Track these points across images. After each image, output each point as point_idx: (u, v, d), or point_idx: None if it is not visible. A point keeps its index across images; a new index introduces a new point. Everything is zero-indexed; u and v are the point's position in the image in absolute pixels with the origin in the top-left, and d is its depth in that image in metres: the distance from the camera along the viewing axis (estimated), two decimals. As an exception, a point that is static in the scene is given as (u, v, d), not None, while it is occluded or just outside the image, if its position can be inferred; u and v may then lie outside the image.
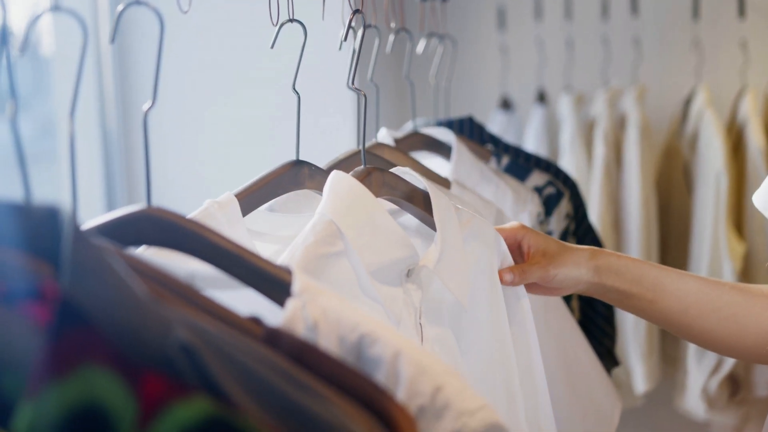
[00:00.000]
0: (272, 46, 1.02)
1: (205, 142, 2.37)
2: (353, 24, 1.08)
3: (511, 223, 1.16)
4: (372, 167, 1.03)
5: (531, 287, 1.15)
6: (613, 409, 1.45)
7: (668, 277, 1.15)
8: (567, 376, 1.38)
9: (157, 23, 0.74)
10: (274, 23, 1.03)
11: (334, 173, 0.95)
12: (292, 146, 1.10)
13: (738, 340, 1.17)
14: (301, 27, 1.04)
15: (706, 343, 1.20)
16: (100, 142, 2.34)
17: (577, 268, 1.13)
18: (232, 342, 0.60)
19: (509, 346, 1.06)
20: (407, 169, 1.07)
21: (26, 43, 0.68)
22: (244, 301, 0.74)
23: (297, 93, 1.08)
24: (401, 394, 0.67)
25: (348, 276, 0.89)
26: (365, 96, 1.06)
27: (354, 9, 1.03)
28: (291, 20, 1.04)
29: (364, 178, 1.00)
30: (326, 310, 0.70)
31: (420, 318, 0.98)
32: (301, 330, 0.69)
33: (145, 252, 0.77)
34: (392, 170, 1.07)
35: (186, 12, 0.83)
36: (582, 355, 1.44)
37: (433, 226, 1.04)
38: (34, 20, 0.69)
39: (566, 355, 1.40)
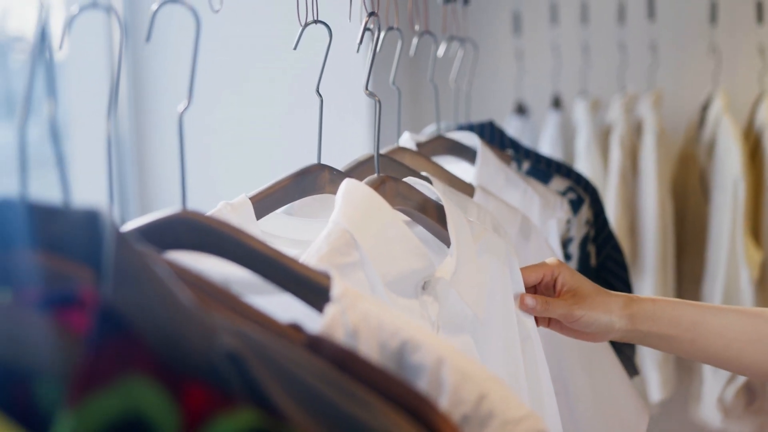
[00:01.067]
0: (295, 48, 1.01)
1: (219, 145, 2.35)
2: (371, 26, 1.06)
3: (551, 259, 1.14)
4: (386, 176, 1.01)
5: (561, 328, 1.15)
6: (640, 419, 1.43)
7: (707, 314, 1.13)
8: (591, 384, 1.36)
9: (194, 22, 0.72)
10: (301, 23, 1.01)
11: (347, 181, 0.93)
12: (305, 149, 1.09)
13: None
14: (326, 28, 1.02)
15: (753, 374, 1.17)
16: (113, 144, 2.32)
17: (608, 315, 1.10)
18: (277, 349, 0.58)
19: (520, 363, 1.05)
20: (419, 180, 1.05)
21: (62, 44, 0.67)
22: (279, 306, 0.72)
23: (320, 96, 1.06)
24: (445, 402, 0.66)
25: (363, 287, 0.87)
26: (379, 101, 1.03)
27: (369, 11, 1.00)
28: (315, 21, 1.02)
29: (378, 187, 0.97)
30: (367, 315, 0.69)
31: (438, 331, 0.96)
32: (341, 336, 0.68)
33: (180, 256, 0.76)
34: (405, 179, 1.05)
35: (217, 11, 0.81)
36: (606, 364, 1.42)
37: (444, 239, 1.03)
38: (70, 20, 0.68)
39: (590, 363, 1.38)
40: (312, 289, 0.71)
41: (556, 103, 2.82)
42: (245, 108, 2.31)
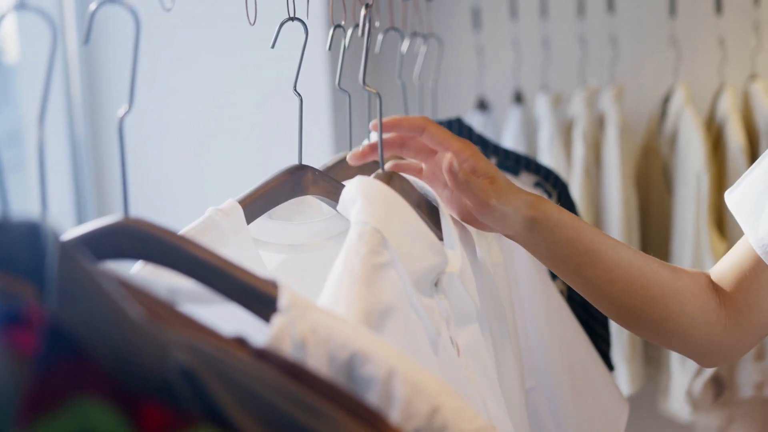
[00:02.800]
0: (273, 46, 0.97)
1: (180, 147, 2.31)
2: (342, 23, 1.03)
3: (462, 139, 1.05)
4: (392, 171, 0.98)
5: (464, 215, 1.08)
6: (620, 413, 1.42)
7: (603, 244, 1.08)
8: (572, 380, 1.35)
9: (133, 23, 0.68)
10: (251, 22, 0.97)
11: (360, 178, 0.89)
12: (271, 147, 1.05)
13: (658, 322, 1.12)
14: (303, 25, 0.99)
15: (626, 321, 1.14)
16: (68, 149, 2.28)
17: (516, 213, 1.03)
18: (232, 363, 0.55)
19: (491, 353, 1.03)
20: (413, 178, 1.02)
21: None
22: (231, 317, 0.69)
23: (299, 94, 1.02)
24: (396, 416, 0.63)
25: (398, 287, 0.83)
26: (379, 95, 0.99)
27: (366, 2, 0.97)
28: (292, 18, 0.98)
29: (387, 182, 0.94)
30: (315, 326, 0.65)
31: (450, 326, 0.94)
32: (288, 348, 0.64)
33: (129, 268, 0.72)
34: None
35: (169, 10, 0.77)
36: (587, 359, 1.41)
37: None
38: None
39: (570, 359, 1.37)
40: (259, 298, 0.68)
41: (518, 98, 2.81)
42: (213, 110, 2.28)
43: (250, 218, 0.95)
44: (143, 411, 0.49)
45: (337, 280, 0.78)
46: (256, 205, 0.97)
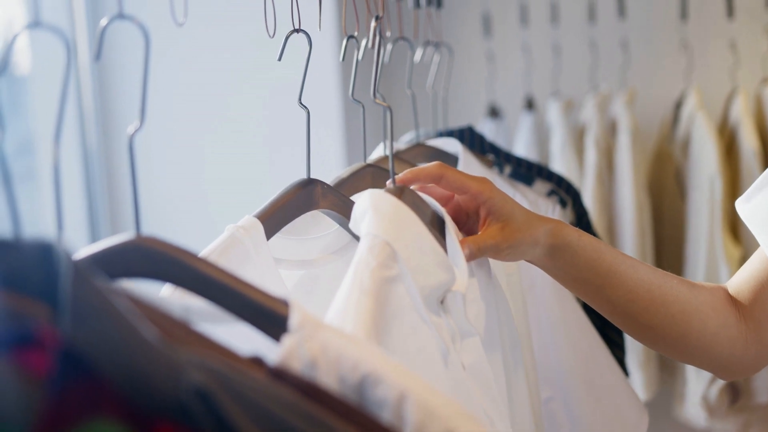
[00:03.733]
0: (279, 58, 0.97)
1: (191, 162, 2.31)
2: (355, 34, 1.02)
3: (479, 178, 1.05)
4: (403, 186, 0.97)
5: None
6: (639, 420, 1.41)
7: (623, 264, 1.08)
8: (590, 388, 1.34)
9: (143, 39, 0.68)
10: (271, 35, 0.97)
11: (372, 192, 0.89)
12: (280, 161, 1.05)
13: (680, 339, 1.11)
14: (306, 37, 0.98)
15: (648, 340, 1.14)
16: (81, 163, 2.28)
17: (534, 247, 1.04)
18: (246, 383, 0.55)
19: (501, 374, 1.02)
20: (422, 192, 1.01)
21: (6, 63, 0.63)
22: (244, 336, 0.68)
23: (305, 107, 1.02)
24: None
25: (406, 302, 0.83)
26: (390, 109, 0.98)
27: (375, 15, 0.97)
28: (296, 30, 0.98)
29: (399, 197, 0.92)
30: (326, 346, 0.65)
31: (456, 343, 0.93)
32: (298, 367, 0.64)
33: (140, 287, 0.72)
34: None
35: (182, 24, 0.77)
36: (605, 367, 1.40)
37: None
38: (13, 38, 0.64)
39: (588, 367, 1.36)
40: (269, 318, 0.67)
41: (530, 104, 2.80)
42: (223, 124, 2.28)
43: (268, 234, 0.95)
44: (157, 430, 0.49)
45: (347, 293, 0.77)
46: (273, 220, 0.96)
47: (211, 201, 2.30)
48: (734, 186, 2.52)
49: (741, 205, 1.18)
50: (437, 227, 0.98)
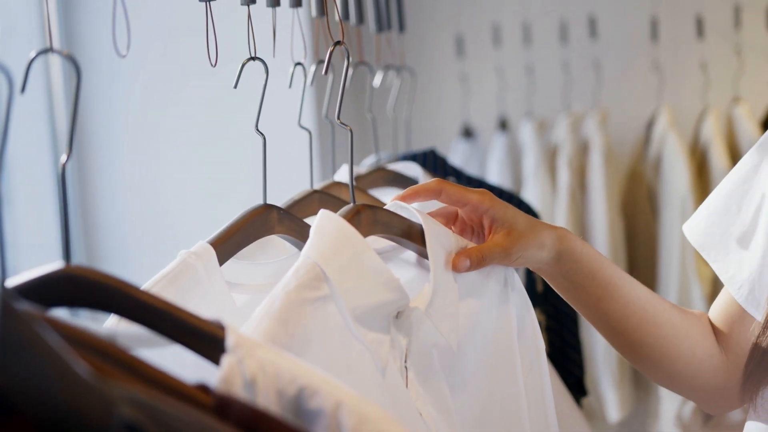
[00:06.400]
0: (235, 86, 0.98)
1: (159, 185, 2.31)
2: (302, 61, 1.03)
3: (478, 189, 1.05)
4: (362, 204, 0.97)
5: None
6: None
7: (621, 279, 1.10)
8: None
9: (74, 73, 0.69)
10: (213, 64, 0.98)
11: (322, 212, 0.90)
12: (245, 186, 1.06)
13: (668, 363, 1.13)
14: (263, 65, 1.00)
15: (638, 358, 1.15)
16: (53, 184, 2.28)
17: (541, 251, 1.04)
18: (180, 417, 0.55)
19: (520, 386, 1.02)
20: (404, 204, 1.02)
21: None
22: (171, 358, 0.69)
23: (261, 134, 1.03)
24: None
25: (335, 321, 0.84)
26: (351, 131, 0.99)
27: (335, 41, 0.98)
28: (253, 58, 0.99)
29: (352, 217, 0.93)
30: (263, 364, 0.67)
31: (405, 361, 0.94)
32: (239, 386, 0.66)
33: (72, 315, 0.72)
34: (387, 206, 1.02)
35: (124, 56, 0.78)
36: (553, 389, 1.41)
37: None
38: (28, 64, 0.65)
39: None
40: (206, 340, 0.68)
41: (503, 125, 2.82)
42: (186, 148, 2.28)
43: (221, 260, 0.96)
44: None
45: (256, 314, 0.80)
46: (226, 246, 0.97)
47: (180, 223, 2.30)
48: (706, 205, 2.53)
49: (689, 229, 1.18)
50: (420, 239, 0.99)
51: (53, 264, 0.67)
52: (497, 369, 1.01)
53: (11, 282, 0.66)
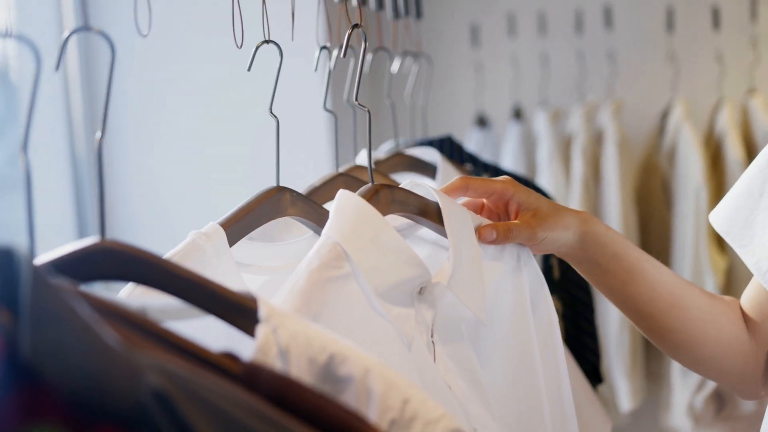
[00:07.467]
0: (249, 69, 0.98)
1: (173, 169, 2.32)
2: (328, 44, 1.04)
3: (502, 178, 1.09)
4: (380, 184, 0.99)
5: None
6: (603, 429, 1.42)
7: (648, 262, 1.11)
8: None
9: (109, 50, 0.69)
10: (239, 46, 0.98)
11: (341, 192, 0.92)
12: (261, 171, 1.06)
13: (696, 347, 1.13)
14: (277, 48, 1.00)
15: (664, 342, 1.15)
16: (69, 169, 2.29)
17: (566, 231, 1.06)
18: (207, 386, 0.56)
19: (536, 359, 1.03)
20: (421, 181, 1.03)
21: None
22: (199, 331, 0.71)
23: (275, 117, 1.03)
24: (375, 409, 0.69)
25: (357, 298, 0.87)
26: (369, 111, 1.00)
27: (353, 23, 0.98)
28: (267, 42, 1.00)
29: (371, 197, 0.95)
30: (295, 333, 0.70)
31: (432, 336, 0.96)
32: (274, 355, 0.68)
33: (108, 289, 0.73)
34: (403, 184, 1.03)
35: (146, 36, 0.78)
36: (570, 374, 1.41)
37: None
38: (63, 42, 0.66)
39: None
40: (239, 311, 0.71)
41: (517, 114, 2.82)
42: (204, 131, 2.29)
43: (231, 241, 0.97)
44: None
45: (282, 292, 0.82)
46: (237, 227, 0.98)
47: (199, 207, 2.31)
48: (720, 197, 2.51)
49: (715, 218, 1.18)
50: (437, 217, 1.00)
51: (89, 239, 0.68)
52: (515, 343, 1.03)
53: (48, 256, 0.67)
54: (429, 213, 1.01)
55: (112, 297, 0.65)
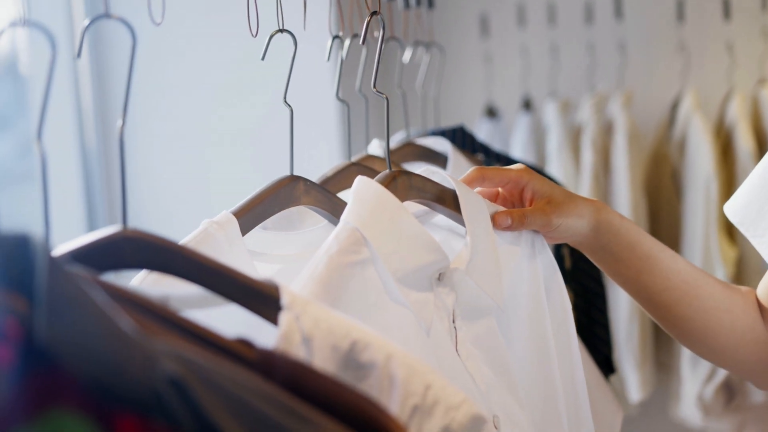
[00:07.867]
0: (263, 58, 0.98)
1: (187, 158, 2.32)
2: (340, 34, 1.03)
3: (516, 166, 1.10)
4: (398, 170, 1.00)
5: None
6: (614, 418, 1.42)
7: (662, 252, 1.11)
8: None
9: (129, 37, 0.69)
10: (254, 35, 0.98)
11: (358, 179, 0.93)
12: (273, 160, 1.06)
13: (710, 336, 1.13)
14: (291, 37, 1.00)
15: (678, 331, 1.16)
16: (78, 160, 2.29)
17: (580, 219, 1.07)
18: (222, 372, 0.56)
19: (551, 345, 1.04)
20: (436, 169, 1.04)
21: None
22: (219, 319, 0.71)
23: (289, 105, 1.03)
24: (397, 395, 0.69)
25: (375, 283, 0.88)
26: (387, 99, 1.01)
27: (372, 11, 0.98)
28: (281, 30, 1.00)
29: (389, 183, 0.96)
30: (318, 320, 0.70)
31: (454, 321, 0.96)
32: (297, 342, 0.69)
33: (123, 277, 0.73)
34: (420, 171, 1.04)
35: (159, 24, 0.78)
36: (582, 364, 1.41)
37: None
38: (83, 30, 0.66)
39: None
40: (262, 299, 0.71)
41: (527, 105, 2.81)
42: (216, 121, 2.29)
43: (244, 230, 0.97)
44: (123, 422, 0.50)
45: (302, 278, 0.83)
46: (250, 216, 0.98)
47: (209, 199, 2.31)
48: (730, 187, 2.52)
49: (730, 208, 1.18)
50: (452, 204, 1.01)
51: (111, 227, 0.69)
52: (532, 329, 1.04)
53: (71, 245, 0.68)
54: (446, 200, 1.02)
55: (129, 285, 0.65)
